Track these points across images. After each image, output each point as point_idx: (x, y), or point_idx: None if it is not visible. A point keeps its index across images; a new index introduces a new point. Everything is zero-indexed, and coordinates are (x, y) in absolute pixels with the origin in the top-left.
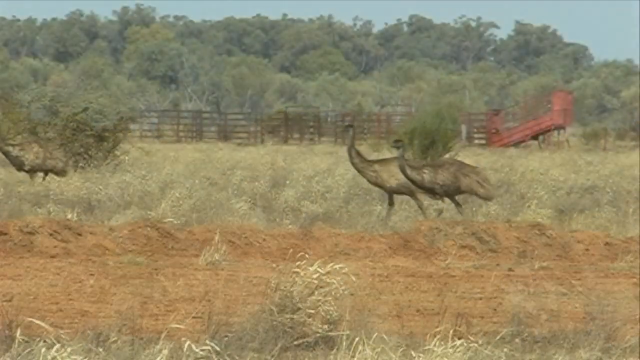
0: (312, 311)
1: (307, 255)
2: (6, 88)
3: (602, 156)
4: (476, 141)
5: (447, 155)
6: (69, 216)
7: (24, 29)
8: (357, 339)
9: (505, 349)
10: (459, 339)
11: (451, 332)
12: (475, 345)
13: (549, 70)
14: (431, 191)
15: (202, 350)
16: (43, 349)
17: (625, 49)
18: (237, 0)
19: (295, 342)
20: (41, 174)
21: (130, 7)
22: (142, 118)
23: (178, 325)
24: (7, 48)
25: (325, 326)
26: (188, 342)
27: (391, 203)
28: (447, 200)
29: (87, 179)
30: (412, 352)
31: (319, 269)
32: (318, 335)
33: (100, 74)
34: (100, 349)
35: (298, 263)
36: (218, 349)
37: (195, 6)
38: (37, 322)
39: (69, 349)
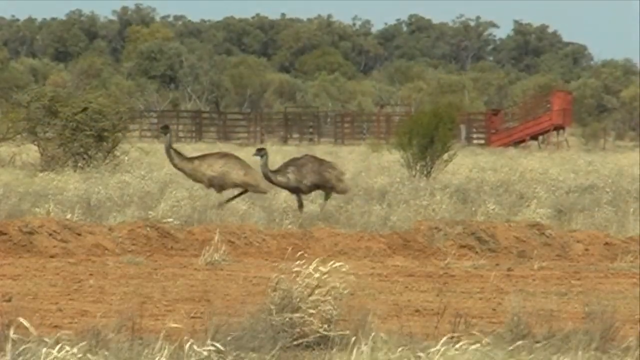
0: (312, 311)
1: (306, 255)
2: (6, 88)
3: (602, 156)
4: (475, 141)
5: (445, 156)
6: (69, 216)
7: (24, 29)
8: (356, 338)
9: (505, 349)
10: (458, 339)
11: (450, 332)
12: (475, 345)
13: (548, 70)
14: (297, 190)
15: (201, 350)
16: (43, 349)
17: (625, 49)
18: (237, 0)
19: (295, 342)
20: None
21: (129, 7)
22: (141, 118)
23: (178, 325)
24: (7, 48)
25: (325, 326)
26: (188, 342)
27: (222, 200)
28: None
29: (87, 179)
30: (412, 352)
31: (320, 268)
32: (317, 335)
33: (99, 73)
34: (100, 349)
35: (298, 262)
36: (217, 348)
37: (194, 6)
38: (24, 322)
39: (68, 349)
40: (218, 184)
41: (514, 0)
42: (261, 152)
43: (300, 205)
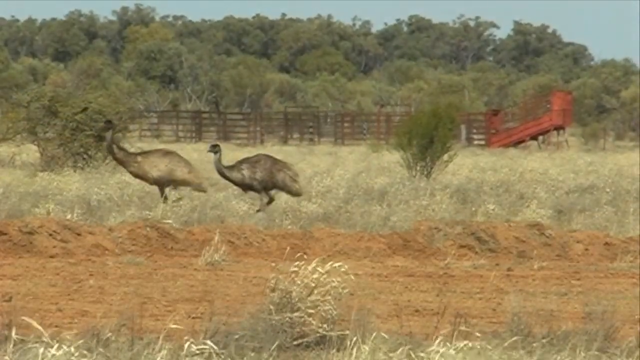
0: (312, 311)
1: (306, 255)
2: (6, 88)
3: (602, 156)
4: (475, 142)
5: (445, 156)
6: (69, 216)
7: (24, 29)
8: (356, 338)
9: (504, 349)
10: (458, 339)
11: (450, 332)
12: (474, 345)
13: (548, 70)
14: (250, 188)
15: (201, 350)
16: (42, 349)
17: (625, 49)
18: (237, 0)
19: (295, 342)
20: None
21: (129, 7)
22: (141, 118)
23: (177, 326)
24: (7, 48)
25: (325, 326)
26: (188, 342)
27: (165, 197)
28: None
29: (87, 179)
30: (411, 352)
31: (318, 269)
32: (317, 335)
33: (99, 73)
34: (100, 349)
35: (297, 263)
36: (217, 348)
37: (194, 6)
38: (30, 321)
39: (68, 349)
40: (163, 182)
41: (514, 0)
42: (215, 148)
43: (270, 201)
